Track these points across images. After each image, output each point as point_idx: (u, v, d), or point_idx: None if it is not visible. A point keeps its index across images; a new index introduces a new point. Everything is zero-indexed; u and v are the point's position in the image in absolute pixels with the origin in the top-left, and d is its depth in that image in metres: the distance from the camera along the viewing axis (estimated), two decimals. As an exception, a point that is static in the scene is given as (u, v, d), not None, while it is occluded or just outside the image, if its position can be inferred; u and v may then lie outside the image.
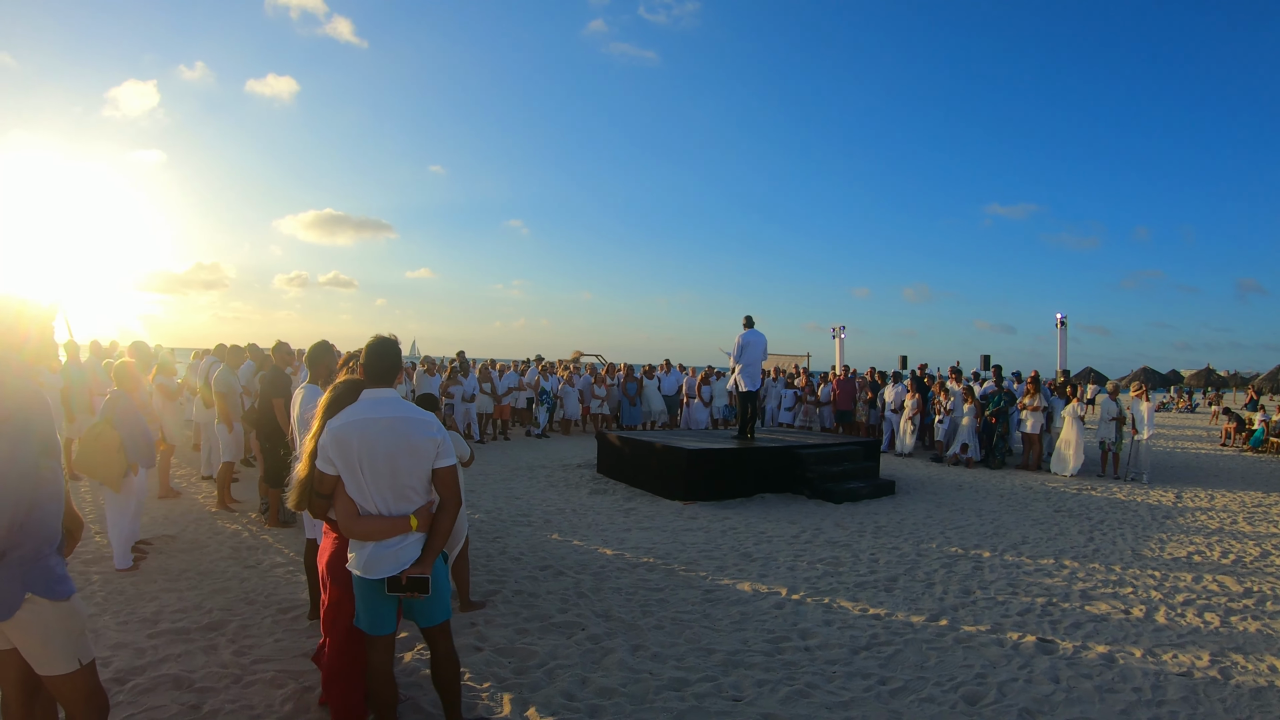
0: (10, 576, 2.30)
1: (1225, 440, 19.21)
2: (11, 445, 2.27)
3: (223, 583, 5.61)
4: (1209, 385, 39.62)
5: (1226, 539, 8.17)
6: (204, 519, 7.69)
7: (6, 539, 2.26)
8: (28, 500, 2.28)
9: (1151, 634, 5.13)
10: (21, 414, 2.31)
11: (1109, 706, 3.98)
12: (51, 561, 2.42)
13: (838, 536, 7.72)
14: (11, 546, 2.29)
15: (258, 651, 4.33)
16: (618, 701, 3.80)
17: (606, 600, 5.38)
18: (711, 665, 4.29)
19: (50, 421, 2.42)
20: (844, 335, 22.80)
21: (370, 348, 3.14)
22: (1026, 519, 8.98)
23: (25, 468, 2.28)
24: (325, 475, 3.03)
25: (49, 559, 2.41)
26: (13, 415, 2.30)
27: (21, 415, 2.31)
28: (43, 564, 2.37)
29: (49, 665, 2.40)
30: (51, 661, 2.39)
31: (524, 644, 4.51)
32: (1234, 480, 12.90)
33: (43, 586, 2.35)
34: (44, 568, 2.37)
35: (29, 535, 2.31)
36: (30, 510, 2.29)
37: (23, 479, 2.27)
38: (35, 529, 2.33)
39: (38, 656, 2.39)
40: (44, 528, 2.37)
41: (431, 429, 3.02)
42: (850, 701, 3.90)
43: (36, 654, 2.39)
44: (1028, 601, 5.74)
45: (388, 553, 2.97)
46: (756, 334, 10.89)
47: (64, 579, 2.44)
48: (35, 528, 2.33)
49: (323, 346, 4.94)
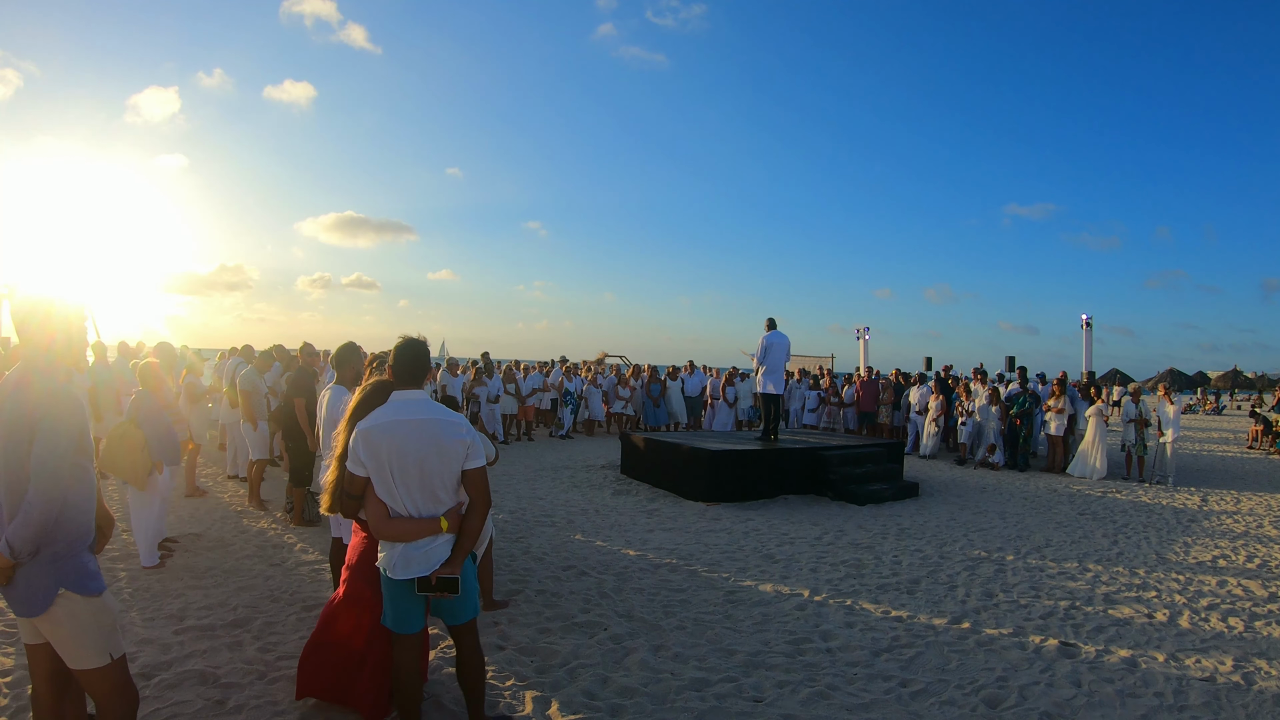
0: (43, 572, 2.37)
1: (1252, 443, 18.85)
2: (44, 444, 2.33)
3: (248, 580, 5.71)
4: (1235, 387, 38.80)
5: (1252, 543, 8.06)
6: (230, 517, 7.84)
7: (40, 536, 2.32)
8: (60, 498, 2.34)
9: (1174, 638, 5.09)
10: (53, 413, 2.37)
11: (1130, 711, 3.96)
12: (84, 558, 2.48)
13: (860, 539, 7.73)
14: (45, 543, 2.35)
15: (282, 648, 4.39)
16: (639, 701, 3.85)
17: (629, 600, 5.45)
18: (733, 666, 4.34)
19: (84, 420, 2.47)
20: (868, 337, 22.67)
21: (399, 349, 3.17)
22: (1050, 522, 8.92)
23: (58, 466, 2.34)
24: (355, 477, 3.07)
25: (81, 555, 2.47)
26: (44, 415, 2.36)
27: (53, 414, 2.36)
28: (75, 560, 2.44)
29: (81, 659, 2.45)
30: (83, 656, 2.45)
31: (546, 643, 4.58)
32: (1261, 483, 12.68)
33: (75, 582, 2.41)
34: (77, 564, 2.44)
35: (62, 532, 2.38)
36: (64, 508, 2.35)
37: (56, 477, 2.33)
38: (68, 526, 2.39)
39: (70, 651, 2.45)
40: (77, 525, 2.43)
41: (461, 431, 3.06)
42: (871, 703, 3.93)
43: (69, 648, 2.45)
44: (1050, 605, 5.72)
45: (418, 553, 3.01)
46: (780, 335, 10.89)
47: (96, 575, 2.50)
48: (68, 525, 2.39)
49: (350, 348, 5.02)
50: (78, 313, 2.59)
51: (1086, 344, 18.03)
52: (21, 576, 2.37)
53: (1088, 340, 18.06)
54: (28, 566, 2.36)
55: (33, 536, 2.31)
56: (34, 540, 2.32)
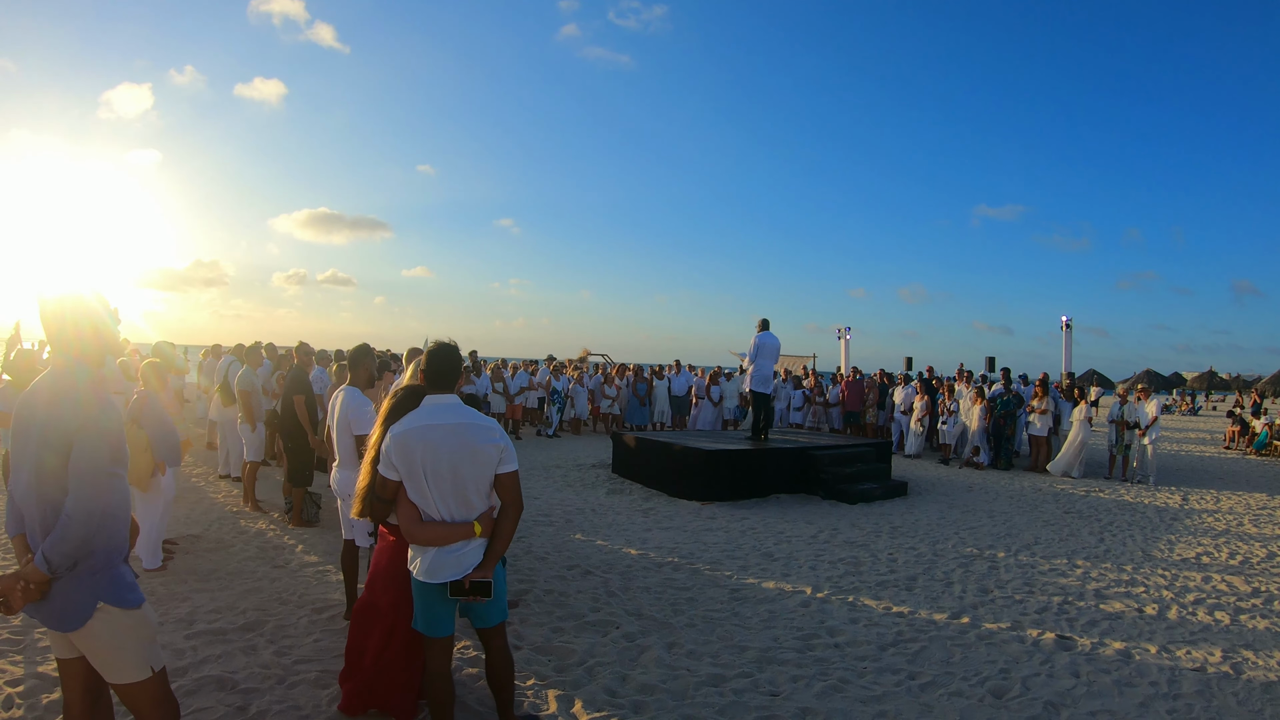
0: (82, 586, 2.29)
1: (1229, 443, 19.36)
2: (84, 454, 2.26)
3: (253, 583, 5.67)
4: (1211, 388, 39.74)
5: (1234, 540, 8.33)
6: (227, 518, 7.78)
7: (80, 550, 2.24)
8: (100, 510, 2.26)
9: (1165, 631, 5.30)
10: (92, 422, 2.30)
11: (1128, 700, 4.15)
12: (120, 569, 2.40)
13: (855, 537, 7.87)
14: (83, 555, 2.27)
15: (298, 652, 4.36)
16: (660, 698, 3.93)
17: (636, 599, 5.52)
18: (746, 662, 4.44)
19: (121, 428, 2.40)
20: (849, 337, 22.91)
21: (431, 353, 3.17)
22: (1038, 520, 9.14)
23: (98, 477, 2.27)
24: (387, 480, 3.08)
25: (118, 567, 2.39)
26: (83, 424, 2.28)
27: (92, 423, 2.29)
28: (113, 572, 2.36)
29: (121, 674, 2.37)
30: (123, 670, 2.37)
31: (561, 642, 4.64)
32: (1239, 483, 13.07)
33: (114, 595, 2.34)
34: (114, 576, 2.36)
35: (100, 544, 2.30)
36: (103, 519, 2.28)
37: (96, 489, 2.25)
38: (106, 538, 2.31)
39: (109, 665, 2.37)
40: (115, 536, 2.35)
41: (494, 435, 3.08)
42: (883, 696, 4.05)
43: (108, 663, 2.37)
44: (1044, 600, 5.90)
45: (450, 557, 3.02)
46: (771, 336, 11.01)
47: (134, 587, 2.42)
48: (106, 537, 2.31)
49: (363, 349, 5.00)
50: (100, 300, 2.49)
51: (1066, 345, 18.36)
52: (57, 591, 2.29)
53: (1067, 341, 18.40)
54: (64, 580, 2.28)
55: (72, 551, 2.23)
56: (73, 555, 2.23)
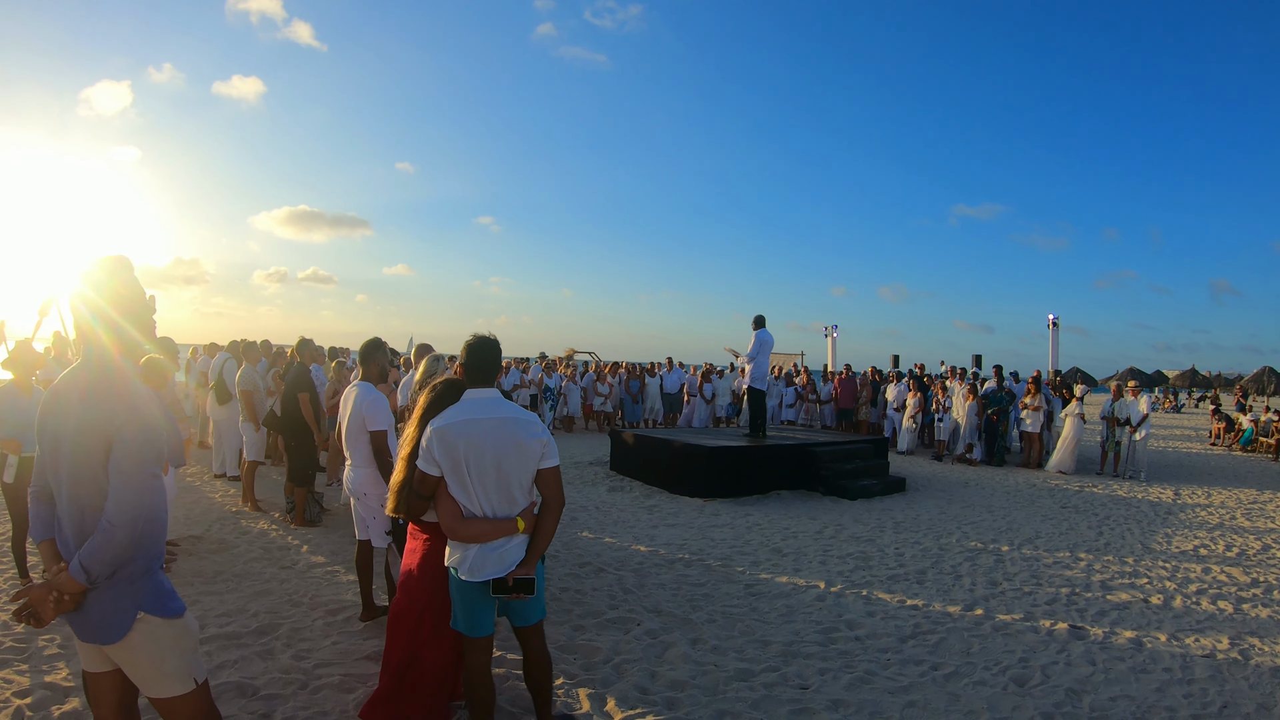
0: (119, 595, 2.15)
1: (1215, 440, 19.73)
2: (127, 454, 2.11)
3: (262, 584, 5.58)
4: (1193, 386, 40.44)
5: (1228, 534, 8.50)
6: (227, 518, 7.66)
7: (122, 557, 2.10)
8: (145, 514, 2.12)
9: (1172, 620, 5.42)
10: (135, 418, 2.15)
11: (1144, 685, 4.26)
12: (159, 576, 2.27)
13: (860, 532, 7.93)
14: (123, 563, 2.13)
15: (317, 655, 4.27)
16: (691, 693, 3.93)
17: (653, 596, 5.53)
18: (771, 656, 4.46)
19: (163, 424, 2.25)
20: (836, 335, 23.07)
21: (471, 347, 3.13)
22: (1036, 515, 9.26)
23: (144, 479, 2.12)
24: (427, 476, 3.02)
25: (157, 574, 2.27)
26: (125, 420, 2.14)
27: (140, 418, 2.16)
28: (152, 579, 2.24)
29: (162, 687, 2.24)
30: (165, 683, 2.23)
31: (584, 640, 4.62)
32: (1228, 478, 13.35)
33: (154, 604, 2.21)
34: (154, 583, 2.24)
35: (140, 550, 2.16)
36: (147, 524, 2.14)
37: (140, 491, 2.11)
38: (146, 543, 2.17)
39: (149, 679, 2.24)
40: (154, 542, 2.22)
41: (537, 429, 3.04)
42: (910, 686, 4.10)
43: (148, 676, 2.23)
44: (1052, 592, 5.99)
45: (493, 554, 2.96)
46: (768, 334, 11.07)
47: (174, 594, 2.29)
48: (146, 542, 2.17)
49: (375, 344, 4.90)
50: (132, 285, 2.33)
51: (1053, 343, 18.62)
52: (94, 601, 2.14)
53: (1054, 340, 18.65)
54: (100, 589, 2.14)
55: (113, 559, 2.08)
56: (113, 563, 2.09)
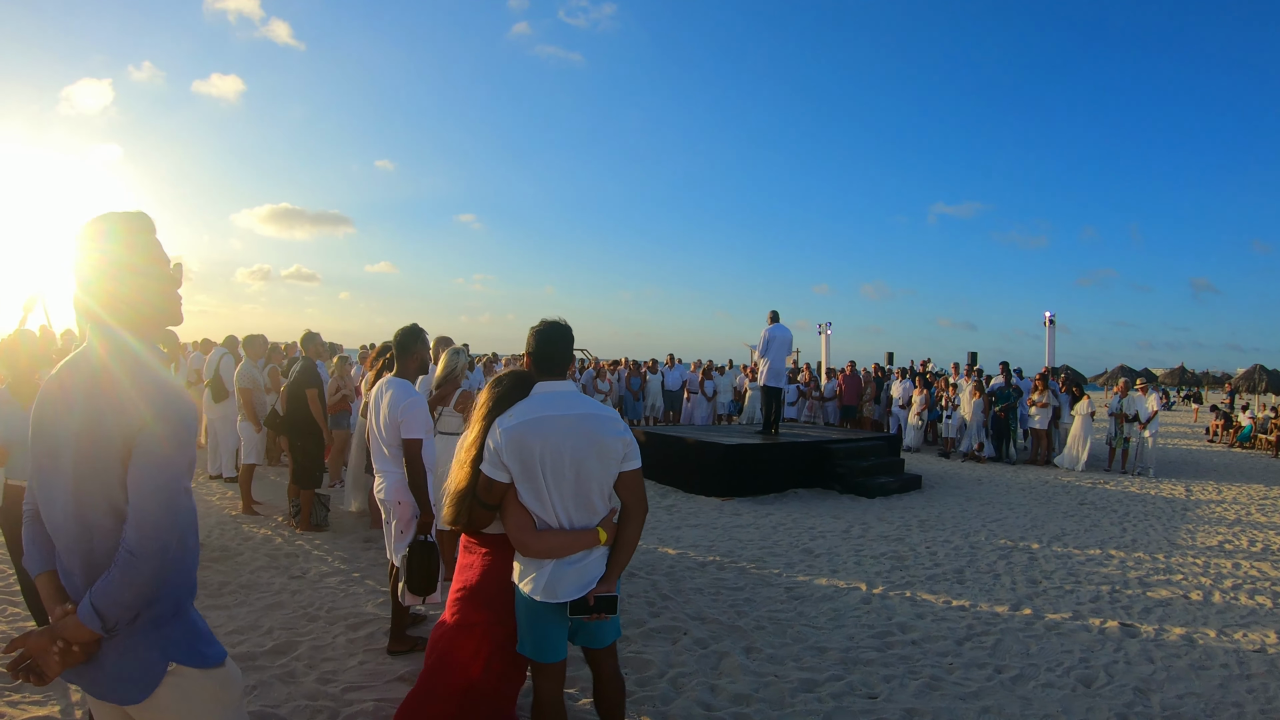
0: (144, 643, 1.69)
1: (1212, 436, 19.89)
2: (151, 460, 1.66)
3: (273, 596, 5.19)
4: (1182, 384, 40.86)
5: (1248, 529, 8.49)
6: (227, 523, 7.29)
7: (147, 595, 1.65)
8: (176, 538, 1.69)
9: (1216, 616, 5.36)
10: (166, 415, 1.68)
11: (1206, 682, 4.20)
12: (193, 616, 1.82)
13: (887, 531, 7.82)
14: (148, 601, 1.67)
15: (344, 678, 3.86)
16: (759, 708, 3.72)
17: (693, 601, 5.35)
18: (831, 664, 4.29)
19: (195, 428, 1.77)
20: (830, 332, 22.98)
21: (539, 333, 2.81)
22: (1057, 512, 9.21)
23: (174, 495, 1.68)
24: (494, 483, 2.70)
25: (189, 613, 1.81)
26: (157, 417, 1.67)
27: (167, 417, 1.68)
28: (184, 621, 1.78)
29: None
30: None
31: (632, 652, 4.38)
32: (1233, 474, 13.47)
33: (188, 652, 1.75)
34: (186, 625, 1.78)
35: (168, 583, 1.71)
36: (178, 552, 1.72)
37: (170, 509, 1.67)
38: (175, 574, 1.73)
39: None
40: (184, 572, 1.78)
41: (619, 427, 2.75)
42: (979, 691, 3.96)
43: None
44: (1093, 590, 5.90)
45: (572, 571, 2.62)
46: (782, 329, 10.94)
47: (211, 639, 1.83)
48: (175, 573, 1.73)
49: (413, 331, 4.33)
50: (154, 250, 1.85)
51: (1049, 340, 18.63)
52: (110, 650, 1.68)
53: (1050, 337, 18.66)
54: (120, 636, 1.68)
55: (134, 600, 1.63)
56: (135, 604, 1.64)
